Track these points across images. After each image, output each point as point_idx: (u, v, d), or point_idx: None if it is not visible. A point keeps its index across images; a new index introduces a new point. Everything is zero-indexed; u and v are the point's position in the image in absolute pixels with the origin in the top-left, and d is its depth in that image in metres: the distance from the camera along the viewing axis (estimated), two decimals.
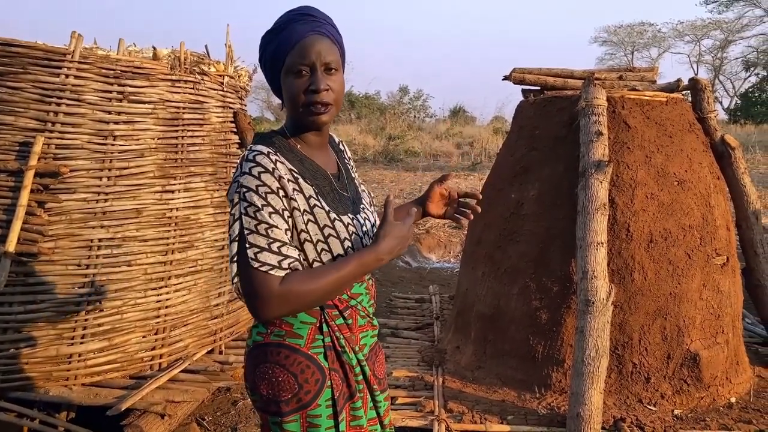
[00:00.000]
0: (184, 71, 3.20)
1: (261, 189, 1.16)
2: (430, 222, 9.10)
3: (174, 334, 3.07)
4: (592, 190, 2.58)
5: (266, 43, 1.27)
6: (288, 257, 1.16)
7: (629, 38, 38.45)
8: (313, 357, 1.23)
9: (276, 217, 1.16)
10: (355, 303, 1.31)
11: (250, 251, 1.14)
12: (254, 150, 1.20)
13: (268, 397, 1.23)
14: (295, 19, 1.23)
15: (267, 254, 1.14)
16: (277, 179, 1.18)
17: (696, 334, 2.71)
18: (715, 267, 2.83)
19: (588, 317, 2.40)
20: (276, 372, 1.22)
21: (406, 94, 32.23)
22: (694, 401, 2.65)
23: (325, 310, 1.25)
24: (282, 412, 1.21)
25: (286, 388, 1.21)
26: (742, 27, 34.69)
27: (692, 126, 3.07)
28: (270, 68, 1.27)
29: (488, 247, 3.15)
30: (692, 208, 2.81)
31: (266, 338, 1.24)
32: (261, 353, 1.24)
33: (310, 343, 1.24)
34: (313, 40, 1.21)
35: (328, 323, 1.25)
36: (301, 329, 1.24)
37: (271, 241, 1.15)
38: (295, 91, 1.21)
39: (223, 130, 3.44)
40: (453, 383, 2.90)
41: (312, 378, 1.22)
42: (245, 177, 1.17)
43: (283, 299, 1.14)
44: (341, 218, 1.26)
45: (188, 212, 3.15)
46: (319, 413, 1.22)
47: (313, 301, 1.19)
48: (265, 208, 1.15)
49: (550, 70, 3.41)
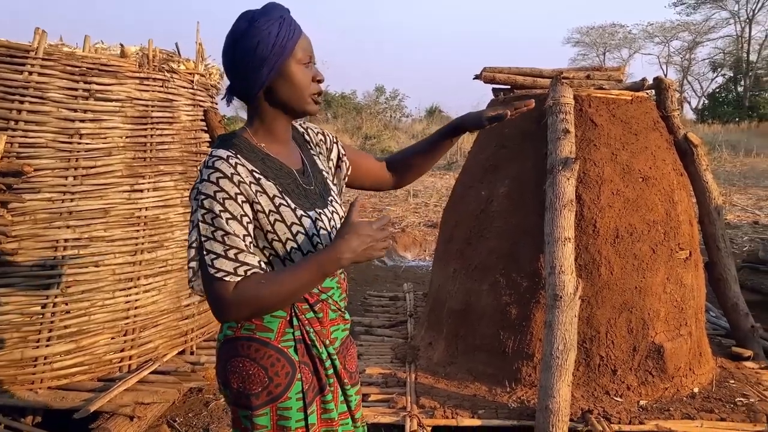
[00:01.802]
0: (152, 69, 3.16)
1: (219, 195, 1.16)
2: (405, 221, 9.14)
3: (144, 335, 3.03)
4: (559, 187, 2.62)
5: (273, 29, 1.20)
6: (245, 264, 1.16)
7: (601, 39, 39.16)
8: (284, 350, 1.24)
9: (234, 224, 1.16)
10: (326, 297, 1.31)
11: (208, 257, 1.15)
12: (214, 155, 1.20)
13: (238, 390, 1.23)
14: (283, 14, 1.24)
15: (223, 261, 1.15)
16: (237, 185, 1.17)
17: (660, 327, 2.78)
18: (679, 261, 2.90)
19: (556, 311, 2.45)
20: (246, 365, 1.23)
21: (382, 93, 32.26)
22: (658, 392, 2.72)
23: (295, 303, 1.26)
24: (252, 406, 1.22)
25: (256, 381, 1.22)
26: (709, 29, 35.63)
27: (656, 124, 3.14)
28: (272, 56, 1.20)
29: (459, 244, 3.18)
30: (656, 204, 2.88)
31: (237, 332, 1.25)
32: (232, 347, 1.25)
33: (281, 336, 1.25)
34: (304, 35, 1.26)
35: (298, 317, 1.26)
36: (271, 323, 1.25)
37: (228, 248, 1.15)
38: (308, 80, 1.26)
39: (194, 129, 3.41)
40: (425, 379, 2.92)
41: (282, 371, 1.23)
42: (204, 184, 1.17)
43: (238, 305, 1.15)
44: (308, 214, 1.26)
45: (158, 212, 3.12)
46: (289, 406, 1.23)
47: (270, 306, 1.19)
48: (223, 214, 1.15)
49: (520, 70, 3.46)
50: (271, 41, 1.21)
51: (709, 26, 35.41)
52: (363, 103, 30.42)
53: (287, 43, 1.22)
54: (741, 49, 33.55)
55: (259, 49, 1.21)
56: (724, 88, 34.29)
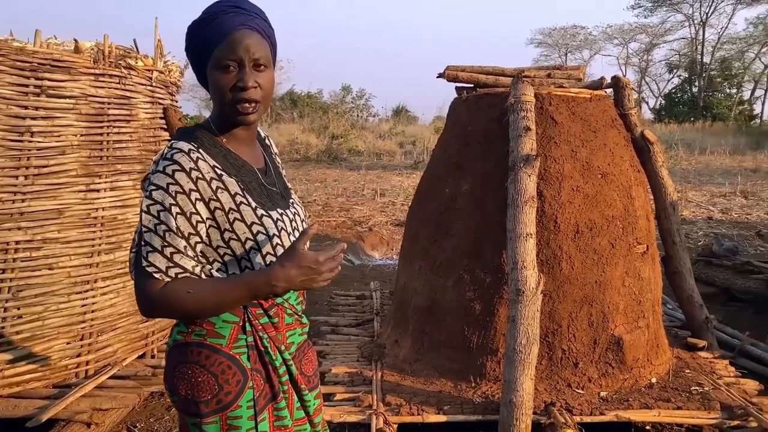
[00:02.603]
0: (108, 65, 3.07)
1: (172, 188, 1.13)
2: (372, 220, 9.14)
3: (101, 339, 2.94)
4: (521, 184, 2.66)
5: (193, 33, 1.22)
6: (177, 266, 1.14)
7: (563, 40, 40.05)
8: (235, 357, 1.21)
9: (181, 219, 1.13)
10: (281, 301, 1.28)
11: (144, 249, 1.13)
12: (174, 148, 1.16)
13: (186, 397, 1.20)
14: (225, 11, 1.18)
15: (157, 256, 1.12)
16: (194, 181, 1.14)
17: (619, 320, 2.85)
18: (637, 255, 2.98)
19: (519, 306, 2.48)
20: (196, 372, 1.19)
21: (349, 93, 32.23)
22: (618, 383, 2.79)
23: (248, 308, 1.23)
24: (201, 413, 1.19)
25: (205, 388, 1.18)
26: (665, 31, 36.85)
27: (614, 121, 3.22)
28: (197, 60, 1.23)
29: (424, 241, 3.20)
30: (615, 199, 2.95)
31: (187, 337, 1.21)
32: (181, 352, 1.21)
33: (233, 342, 1.21)
34: (242, 35, 1.17)
35: (251, 322, 1.23)
36: (223, 328, 1.21)
37: (166, 245, 1.12)
38: (222, 87, 1.18)
39: (153, 127, 3.33)
40: (391, 377, 2.92)
41: (233, 379, 1.20)
42: (157, 175, 1.14)
43: (160, 305, 1.14)
44: (269, 214, 1.24)
45: (115, 212, 3.03)
46: (239, 414, 1.20)
47: (191, 314, 1.18)
48: (172, 208, 1.12)
49: (482, 68, 3.49)
50: (195, 42, 1.21)
51: (665, 28, 36.66)
52: (329, 103, 30.32)
53: (204, 47, 1.19)
54: (695, 50, 34.80)
55: (189, 51, 1.23)
56: (679, 88, 35.51)
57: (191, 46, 1.23)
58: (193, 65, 1.24)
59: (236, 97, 1.18)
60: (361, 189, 12.30)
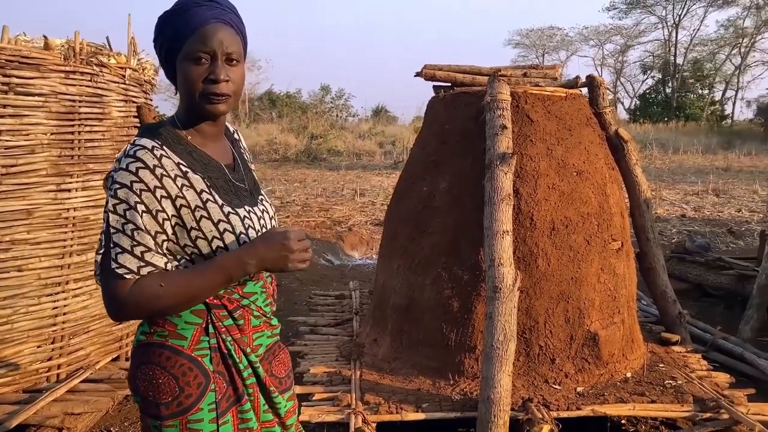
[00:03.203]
0: (79, 62, 3.01)
1: (136, 186, 1.10)
2: (352, 220, 9.12)
3: (73, 342, 2.88)
4: (497, 182, 2.67)
5: (163, 24, 1.20)
6: (150, 265, 1.12)
7: (540, 41, 40.50)
8: (197, 359, 1.19)
9: (147, 218, 1.11)
10: (247, 302, 1.26)
11: (113, 251, 1.10)
12: (137, 145, 1.14)
13: (147, 398, 1.18)
14: (198, 3, 1.17)
15: (128, 257, 1.10)
16: (159, 178, 1.12)
17: (595, 315, 2.89)
18: (612, 252, 3.02)
19: (496, 303, 2.49)
20: (156, 374, 1.17)
21: (328, 92, 32.13)
22: (594, 378, 2.82)
23: (212, 310, 1.21)
24: (161, 416, 1.17)
25: (166, 390, 1.16)
26: (639, 33, 37.51)
27: (589, 120, 3.26)
28: (166, 52, 1.21)
29: (403, 239, 3.20)
30: (590, 197, 2.99)
31: (149, 338, 1.19)
32: (143, 353, 1.19)
33: (195, 344, 1.19)
34: (215, 28, 1.16)
35: (214, 324, 1.21)
36: (185, 330, 1.19)
37: (135, 244, 1.10)
38: (193, 79, 1.16)
39: (126, 125, 3.27)
40: (370, 376, 2.91)
41: (194, 381, 1.18)
42: (120, 173, 1.11)
43: (135, 304, 1.11)
44: (237, 211, 1.22)
45: (87, 212, 2.97)
46: (200, 417, 1.18)
47: (169, 308, 1.15)
48: (138, 206, 1.10)
49: (459, 67, 3.51)
50: (165, 33, 1.19)
51: (640, 30, 37.32)
52: (308, 103, 30.18)
53: (176, 38, 1.18)
54: (668, 52, 35.48)
55: (158, 43, 1.21)
56: (653, 89, 36.18)
57: (161, 37, 1.21)
58: (161, 57, 1.22)
59: (207, 89, 1.17)
60: (341, 189, 12.27)
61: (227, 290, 1.22)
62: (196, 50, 1.15)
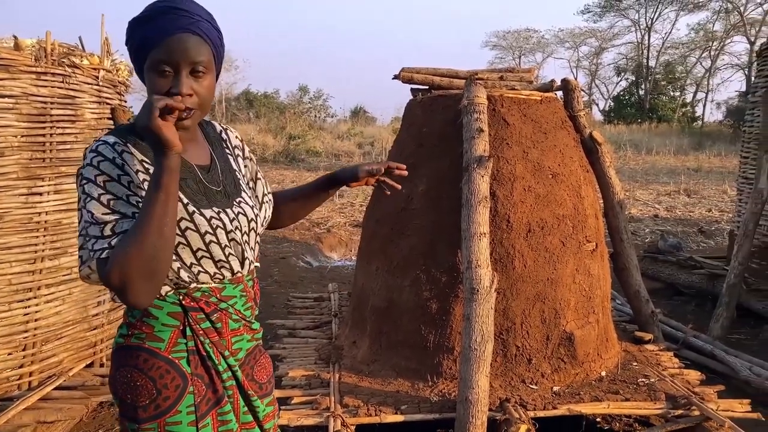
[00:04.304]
0: (51, 63, 2.95)
1: (99, 178, 1.11)
2: (331, 221, 9.10)
3: (46, 348, 2.82)
4: (474, 184, 2.70)
5: (132, 32, 1.18)
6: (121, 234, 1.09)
7: (517, 43, 40.95)
8: (174, 362, 1.19)
9: (118, 204, 1.11)
10: (225, 306, 1.25)
11: (89, 243, 1.09)
12: (99, 140, 1.16)
13: (126, 401, 1.18)
14: (165, 11, 1.14)
15: (102, 242, 1.09)
16: (119, 167, 1.13)
17: (571, 316, 2.93)
18: (586, 253, 3.07)
19: (473, 305, 2.52)
20: (134, 376, 1.17)
21: (306, 93, 32.01)
22: (570, 377, 2.87)
23: (189, 313, 1.20)
24: (139, 419, 1.17)
25: (143, 393, 1.16)
26: (613, 36, 38.21)
27: (564, 123, 3.31)
28: (135, 58, 1.21)
29: (381, 242, 3.20)
30: (565, 199, 3.04)
31: (127, 340, 1.19)
32: (122, 356, 1.19)
33: (172, 347, 1.19)
34: (180, 39, 1.13)
35: (192, 326, 1.20)
36: (162, 332, 1.19)
37: (103, 226, 1.09)
38: (157, 91, 1.14)
39: (99, 127, 3.21)
40: (349, 378, 2.92)
41: (172, 384, 1.17)
42: (86, 168, 1.12)
43: (119, 271, 1.02)
44: (202, 212, 1.20)
45: (60, 216, 2.91)
46: (179, 420, 1.18)
47: (147, 252, 1.04)
48: (102, 197, 1.10)
49: (437, 70, 3.53)
50: (134, 40, 1.18)
51: (613, 33, 38.02)
52: (286, 103, 30.02)
53: (142, 48, 1.16)
54: (641, 55, 36.19)
55: (128, 47, 1.20)
56: (627, 91, 36.85)
57: (130, 42, 1.20)
58: (132, 60, 1.23)
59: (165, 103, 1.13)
60: None
61: (204, 293, 1.22)
62: (160, 62, 1.14)
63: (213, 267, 1.22)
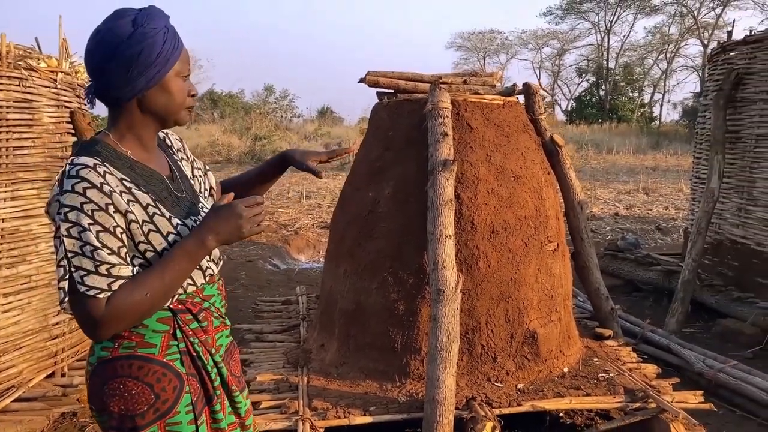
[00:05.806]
0: (6, 66, 2.87)
1: (87, 207, 1.09)
2: (298, 223, 9.06)
3: (4, 359, 2.75)
4: (439, 187, 2.75)
5: (159, 38, 1.18)
6: (119, 278, 1.12)
7: (481, 44, 41.48)
8: (169, 364, 1.22)
9: (106, 237, 1.11)
10: (208, 305, 1.31)
11: (77, 275, 1.08)
12: (77, 164, 1.12)
13: (121, 413, 1.18)
14: (168, 27, 1.23)
15: (95, 277, 1.09)
16: (108, 194, 1.12)
17: (534, 314, 3.02)
18: (548, 253, 3.16)
19: (440, 305, 2.57)
20: (128, 385, 1.18)
21: (272, 93, 31.70)
22: (533, 374, 2.95)
23: (177, 315, 1.24)
24: (138, 427, 1.18)
25: (141, 400, 1.18)
26: (574, 38, 39.11)
27: (526, 126, 3.40)
28: (154, 66, 1.17)
29: (349, 244, 3.23)
30: (527, 200, 3.12)
31: (114, 352, 1.19)
32: (109, 369, 1.19)
33: (165, 350, 1.22)
34: (185, 49, 1.27)
35: (182, 328, 1.24)
36: (153, 338, 1.21)
37: (99, 264, 1.10)
38: (184, 94, 1.27)
39: (58, 132, 3.14)
40: (318, 381, 2.93)
41: (169, 386, 1.20)
42: (67, 195, 1.09)
43: (116, 319, 1.11)
44: (185, 222, 1.24)
45: (17, 223, 2.84)
46: (179, 420, 1.21)
47: (147, 310, 1.16)
48: (92, 228, 1.09)
49: (402, 74, 3.58)
50: (156, 51, 1.18)
51: (575, 35, 38.92)
52: (252, 103, 29.67)
53: (171, 55, 1.21)
54: (601, 56, 37.13)
55: (142, 57, 1.16)
56: (588, 92, 37.76)
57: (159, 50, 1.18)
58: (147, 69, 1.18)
59: (189, 102, 1.30)
60: (287, 191, 12.15)
61: (189, 295, 1.27)
62: (185, 69, 1.26)
63: (201, 277, 1.30)
